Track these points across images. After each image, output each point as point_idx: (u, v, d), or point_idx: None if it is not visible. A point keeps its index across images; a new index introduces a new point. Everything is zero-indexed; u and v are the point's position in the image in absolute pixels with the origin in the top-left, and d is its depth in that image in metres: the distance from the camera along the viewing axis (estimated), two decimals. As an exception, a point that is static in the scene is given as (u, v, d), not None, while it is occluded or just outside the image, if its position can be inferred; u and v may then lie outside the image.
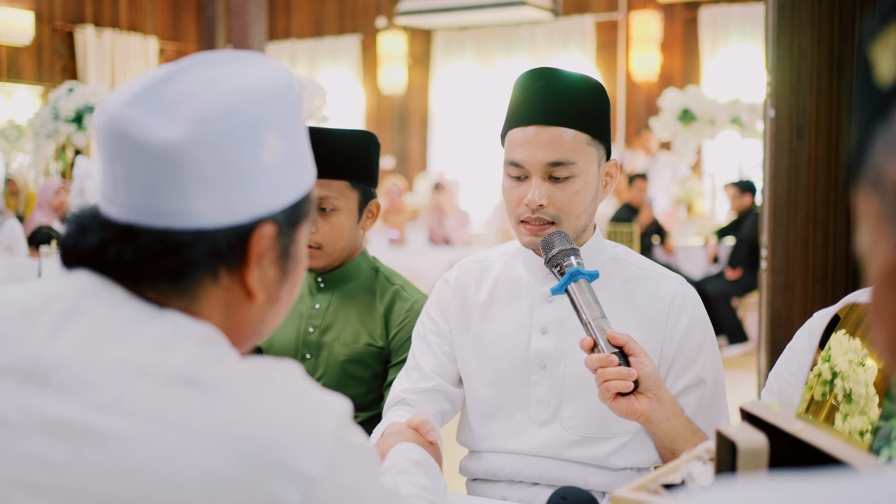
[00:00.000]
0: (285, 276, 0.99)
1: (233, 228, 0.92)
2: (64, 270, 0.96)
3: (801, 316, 2.34)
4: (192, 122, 0.89)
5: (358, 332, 2.15)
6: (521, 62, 10.70)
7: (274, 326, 1.03)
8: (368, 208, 2.17)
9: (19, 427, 0.87)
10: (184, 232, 0.90)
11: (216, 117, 0.89)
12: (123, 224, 0.91)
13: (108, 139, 0.91)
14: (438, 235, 8.70)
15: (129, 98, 0.90)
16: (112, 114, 0.90)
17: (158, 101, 0.90)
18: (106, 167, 0.92)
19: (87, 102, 7.79)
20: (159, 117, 0.89)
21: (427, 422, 1.53)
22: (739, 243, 7.40)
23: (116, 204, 0.92)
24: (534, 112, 1.67)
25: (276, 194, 0.95)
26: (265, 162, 0.93)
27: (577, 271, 1.56)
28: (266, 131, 0.92)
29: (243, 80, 0.93)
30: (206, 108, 0.89)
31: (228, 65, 0.94)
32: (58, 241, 5.26)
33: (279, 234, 0.96)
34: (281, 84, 0.95)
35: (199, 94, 0.90)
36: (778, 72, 3.37)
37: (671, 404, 1.53)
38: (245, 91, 0.92)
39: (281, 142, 0.94)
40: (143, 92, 0.90)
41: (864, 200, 0.58)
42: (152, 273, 0.91)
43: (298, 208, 0.98)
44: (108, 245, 0.91)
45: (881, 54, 0.56)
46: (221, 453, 0.84)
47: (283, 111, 0.95)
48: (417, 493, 1.21)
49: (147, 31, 11.55)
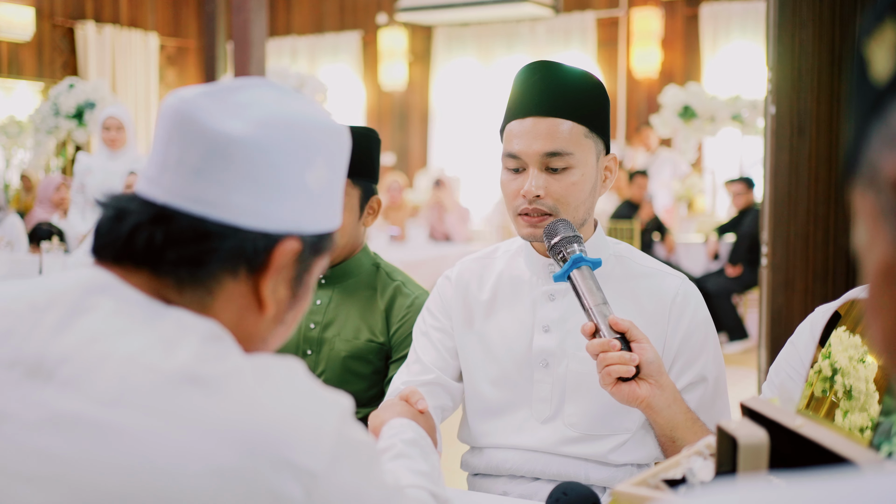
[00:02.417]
0: (294, 300, 1.02)
1: (263, 234, 0.95)
2: (90, 256, 0.98)
3: (801, 312, 2.35)
4: (254, 123, 0.94)
5: (359, 329, 2.16)
6: (522, 59, 10.67)
7: (273, 347, 1.04)
8: (369, 205, 2.17)
9: (24, 421, 0.88)
10: (217, 223, 0.93)
11: (277, 126, 0.95)
12: (161, 205, 0.94)
13: (173, 120, 0.95)
14: (439, 232, 8.70)
15: (203, 91, 0.96)
16: (184, 97, 0.95)
17: (228, 101, 0.96)
18: (160, 147, 0.96)
19: (88, 98, 7.78)
20: (226, 112, 0.94)
21: (416, 391, 1.54)
22: (740, 240, 7.40)
23: (160, 185, 0.95)
24: (531, 104, 1.67)
25: (309, 217, 0.99)
26: (308, 183, 0.98)
27: (580, 258, 1.56)
28: (316, 156, 0.98)
29: (305, 108, 0.99)
30: (269, 116, 0.95)
31: (292, 94, 1.01)
32: (59, 237, 5.27)
33: (301, 255, 0.99)
34: (336, 126, 1.01)
35: (265, 105, 0.96)
36: (779, 68, 3.38)
37: (672, 391, 1.53)
38: (306, 116, 0.98)
39: (325, 171, 1.00)
40: (216, 91, 0.96)
41: (860, 197, 0.59)
42: (174, 258, 0.93)
43: (323, 240, 1.02)
44: (141, 229, 0.94)
45: (876, 51, 0.56)
46: (224, 449, 0.85)
47: (334, 148, 1.01)
48: (417, 481, 1.22)
49: (148, 28, 11.54)
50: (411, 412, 1.49)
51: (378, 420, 1.48)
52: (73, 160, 7.43)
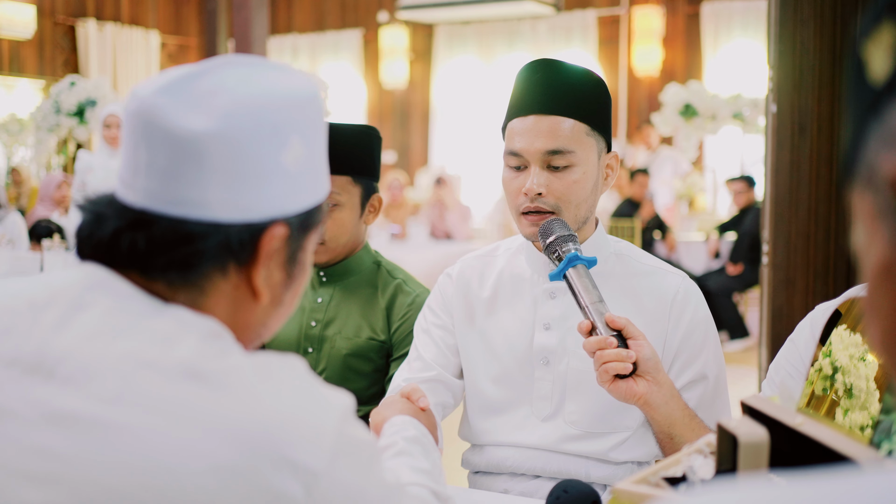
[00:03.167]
0: (290, 280, 1.01)
1: (246, 225, 0.93)
2: (76, 260, 0.97)
3: (801, 311, 2.35)
4: (218, 115, 0.91)
5: (360, 326, 2.16)
6: (523, 57, 10.64)
7: (274, 330, 1.04)
8: (370, 203, 2.17)
9: (24, 418, 0.88)
10: (198, 223, 0.92)
11: (243, 114, 0.92)
12: (139, 209, 0.92)
13: (136, 123, 0.93)
14: (440, 230, 8.70)
15: (161, 87, 0.92)
16: (143, 99, 0.92)
17: (189, 92, 0.92)
18: (129, 151, 0.94)
19: (89, 96, 7.79)
20: (188, 108, 0.91)
21: (417, 389, 1.54)
22: (741, 238, 7.40)
23: (135, 189, 0.93)
24: (533, 102, 1.67)
25: (291, 198, 0.96)
26: (285, 165, 0.95)
27: (575, 256, 1.56)
28: (289, 135, 0.95)
29: (272, 84, 0.95)
30: (233, 105, 0.92)
31: (258, 68, 0.96)
32: (60, 234, 5.27)
33: (290, 237, 0.97)
34: (307, 93, 0.97)
35: (229, 91, 0.92)
36: (780, 67, 3.38)
37: (669, 388, 1.53)
38: (273, 94, 0.94)
39: (302, 148, 0.96)
40: (175, 83, 0.93)
41: (858, 197, 0.59)
42: (162, 263, 0.92)
43: (311, 215, 1.00)
44: (122, 234, 0.92)
45: (873, 52, 0.56)
46: (225, 447, 0.85)
47: (308, 119, 0.97)
48: (418, 479, 1.22)
49: (149, 25, 11.54)
50: (413, 409, 1.49)
51: (379, 417, 1.48)
52: (74, 158, 7.44)
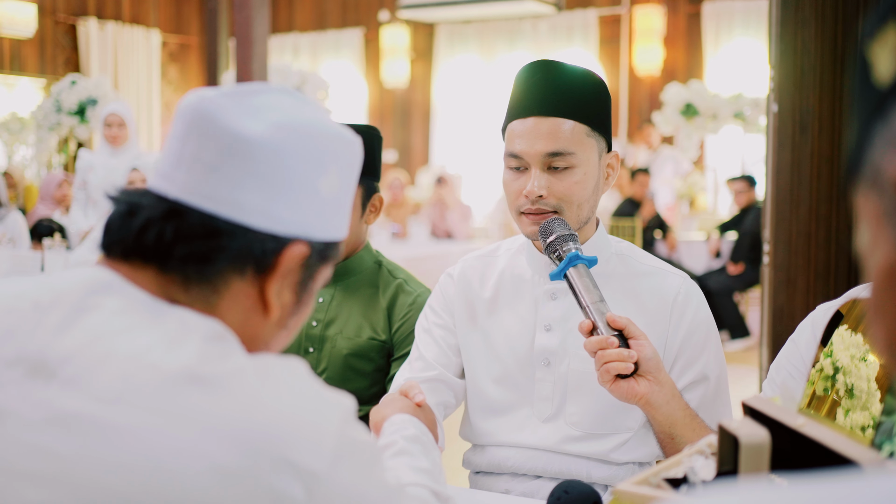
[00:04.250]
0: (298, 305, 1.02)
1: (272, 236, 0.96)
2: (98, 251, 0.99)
3: (802, 311, 2.35)
4: (272, 126, 0.95)
5: (361, 326, 2.16)
6: (524, 56, 10.66)
7: (276, 352, 1.04)
8: (371, 202, 2.17)
9: (27, 419, 0.88)
10: (227, 222, 0.94)
11: (293, 130, 0.96)
12: (173, 200, 0.94)
13: (191, 116, 0.96)
14: (441, 229, 8.70)
15: (224, 92, 0.97)
16: (203, 96, 0.96)
17: (248, 102, 0.97)
18: (176, 143, 0.97)
19: (90, 95, 7.78)
20: (245, 113, 0.96)
21: (415, 385, 1.54)
22: (742, 238, 7.40)
23: (173, 180, 0.96)
24: (533, 103, 1.67)
25: (318, 223, 1.00)
26: (320, 190, 0.99)
27: (576, 256, 1.56)
28: (329, 164, 0.99)
29: (322, 118, 1.01)
30: (287, 121, 0.96)
31: (310, 104, 1.02)
32: (61, 233, 5.27)
33: (308, 260, 1.00)
34: (352, 138, 1.03)
35: (284, 111, 0.98)
36: (781, 67, 3.37)
37: (671, 388, 1.53)
38: (322, 125, 0.99)
39: (337, 181, 1.01)
40: (235, 93, 0.98)
41: (863, 199, 0.59)
42: (183, 254, 0.94)
43: (330, 248, 1.03)
44: (152, 224, 0.94)
45: (879, 54, 0.56)
46: (226, 448, 0.85)
47: (347, 159, 1.02)
48: (418, 479, 1.22)
49: (150, 24, 11.54)
50: (412, 407, 1.49)
51: (379, 416, 1.48)
52: (75, 157, 7.43)
